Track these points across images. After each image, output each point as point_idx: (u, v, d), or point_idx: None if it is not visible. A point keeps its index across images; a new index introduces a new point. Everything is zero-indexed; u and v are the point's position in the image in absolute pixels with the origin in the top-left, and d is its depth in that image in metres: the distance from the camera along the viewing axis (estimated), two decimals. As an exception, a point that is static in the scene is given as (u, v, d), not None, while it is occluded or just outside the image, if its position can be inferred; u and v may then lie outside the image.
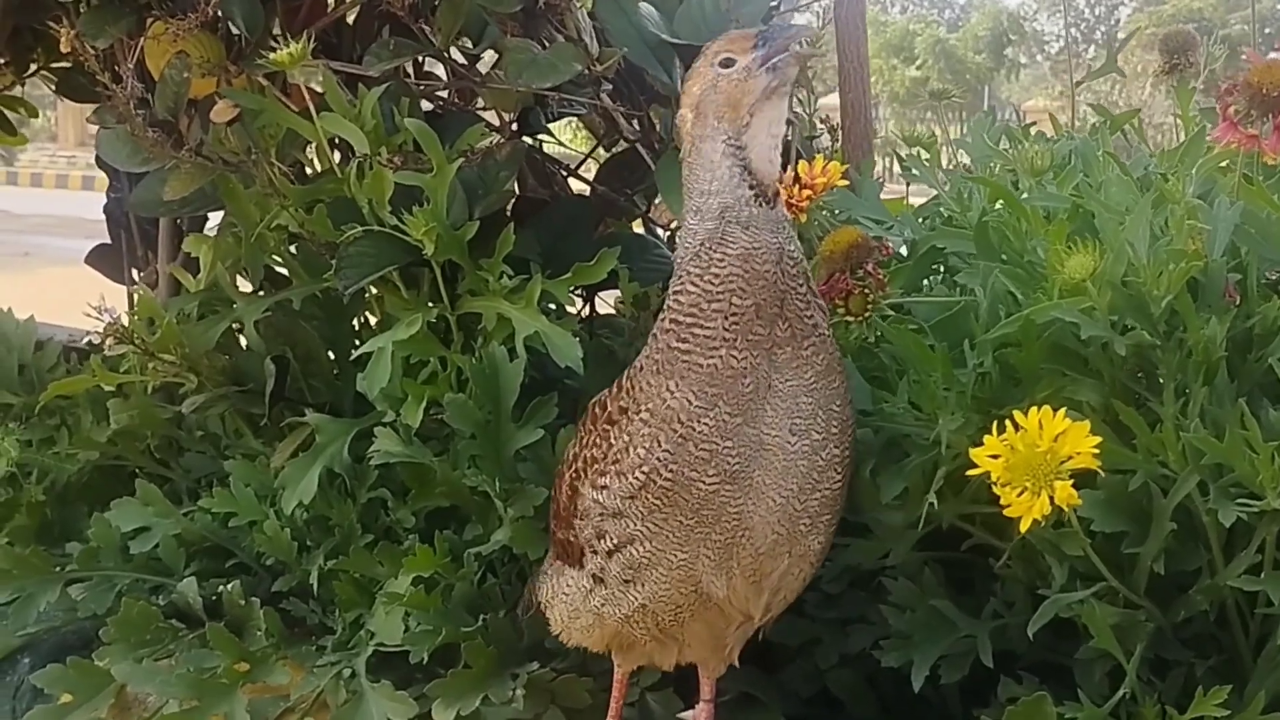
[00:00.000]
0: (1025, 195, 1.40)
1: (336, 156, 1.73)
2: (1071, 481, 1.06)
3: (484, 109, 1.89)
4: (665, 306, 1.18)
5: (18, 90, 2.52)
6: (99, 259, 2.37)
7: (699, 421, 1.13)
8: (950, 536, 1.33)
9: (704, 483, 1.14)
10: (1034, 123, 1.78)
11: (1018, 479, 1.08)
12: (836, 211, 1.58)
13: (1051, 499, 1.06)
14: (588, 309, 1.90)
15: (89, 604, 1.60)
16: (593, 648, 1.31)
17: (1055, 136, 1.70)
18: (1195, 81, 1.57)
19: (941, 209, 1.54)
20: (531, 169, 1.93)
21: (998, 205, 1.42)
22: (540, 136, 1.97)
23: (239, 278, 1.81)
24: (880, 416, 1.29)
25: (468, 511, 1.57)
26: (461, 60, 1.83)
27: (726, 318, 1.13)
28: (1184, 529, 1.14)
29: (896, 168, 1.70)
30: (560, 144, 2.08)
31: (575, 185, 2.01)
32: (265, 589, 1.62)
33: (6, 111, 2.42)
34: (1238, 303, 1.20)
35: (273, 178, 1.64)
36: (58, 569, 1.63)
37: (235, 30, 1.71)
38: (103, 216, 2.29)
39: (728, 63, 1.16)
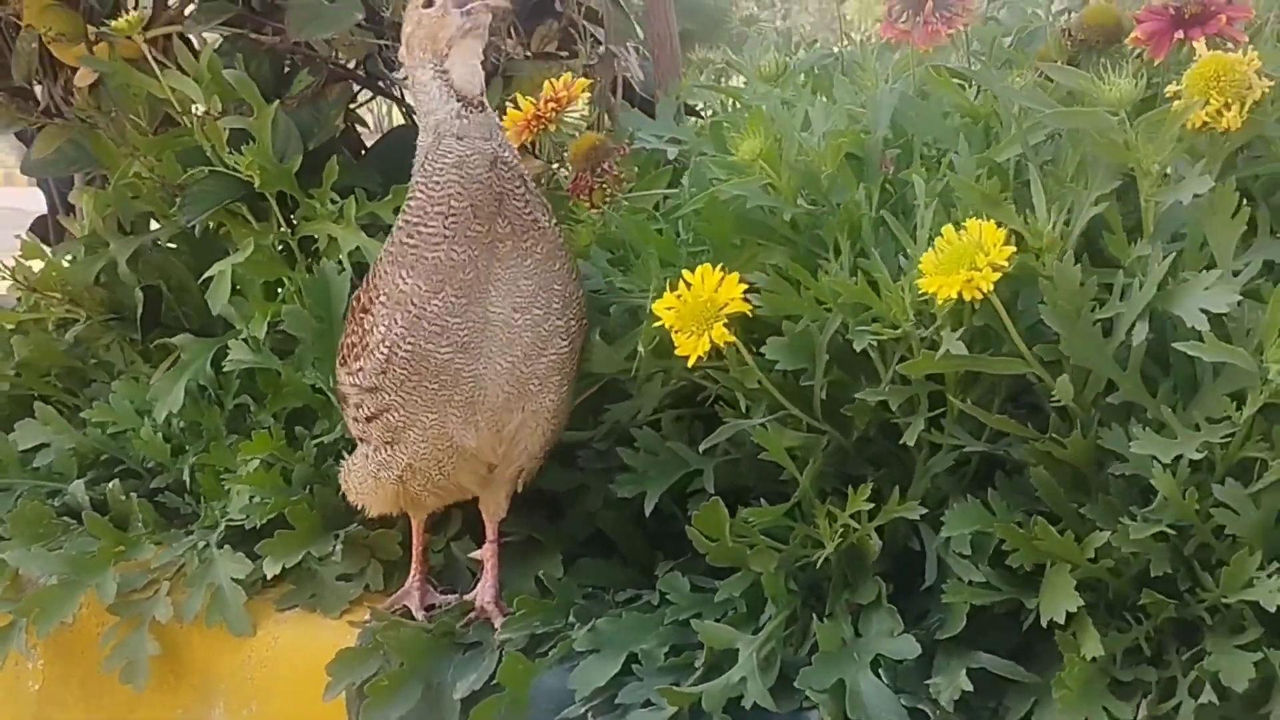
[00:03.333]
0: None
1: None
2: (726, 324, 1.29)
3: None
4: (402, 208, 1.41)
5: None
6: (37, 229, 2.62)
7: (428, 304, 1.36)
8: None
9: (439, 354, 1.37)
10: (814, 42, 2.00)
11: (686, 325, 1.31)
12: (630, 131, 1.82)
13: (711, 340, 1.30)
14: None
15: (-7, 507, 1.85)
16: (387, 510, 1.55)
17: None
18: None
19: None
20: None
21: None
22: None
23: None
24: (615, 293, 1.52)
25: (316, 410, 1.81)
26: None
27: (446, 218, 1.36)
28: (846, 362, 1.37)
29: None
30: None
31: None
32: (146, 488, 1.86)
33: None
34: (889, 171, 1.42)
35: (127, 132, 1.88)
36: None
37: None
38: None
39: (428, 3, 1.39)
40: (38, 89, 1.89)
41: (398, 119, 2.41)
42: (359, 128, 2.29)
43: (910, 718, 1.24)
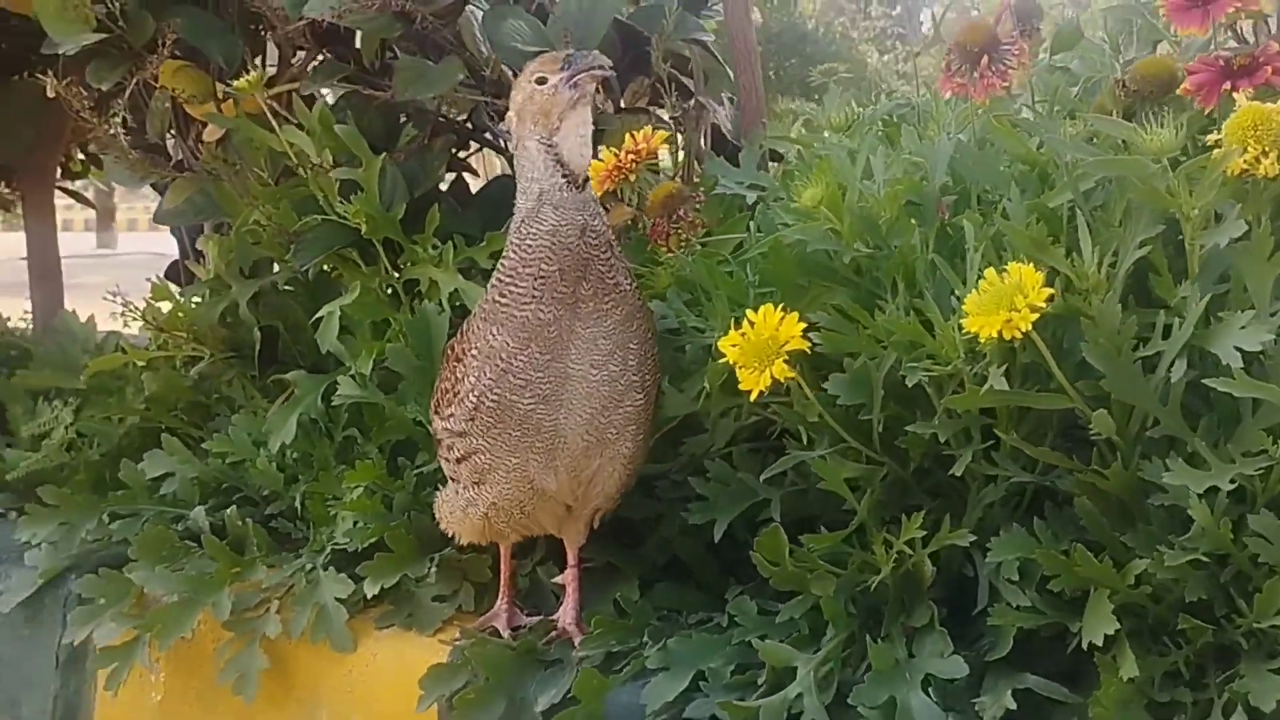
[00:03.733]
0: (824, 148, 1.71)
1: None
2: (788, 360, 1.38)
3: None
4: (496, 267, 1.52)
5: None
6: (171, 273, 2.81)
7: (515, 359, 1.47)
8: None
9: (523, 405, 1.48)
10: (893, 92, 2.08)
11: (749, 361, 1.40)
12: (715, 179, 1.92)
13: (772, 375, 1.39)
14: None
15: (121, 532, 1.99)
16: (475, 539, 1.66)
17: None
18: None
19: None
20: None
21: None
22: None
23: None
24: (689, 333, 1.62)
25: (417, 442, 1.93)
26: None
27: (535, 279, 1.47)
28: (903, 397, 1.44)
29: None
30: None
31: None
32: (261, 514, 2.00)
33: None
34: (946, 217, 1.50)
35: (249, 183, 2.03)
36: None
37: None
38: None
39: (541, 80, 1.50)
40: (170, 144, 2.06)
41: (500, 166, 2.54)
42: (466, 176, 2.43)
43: (959, 734, 1.31)
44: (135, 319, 2.05)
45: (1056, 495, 1.42)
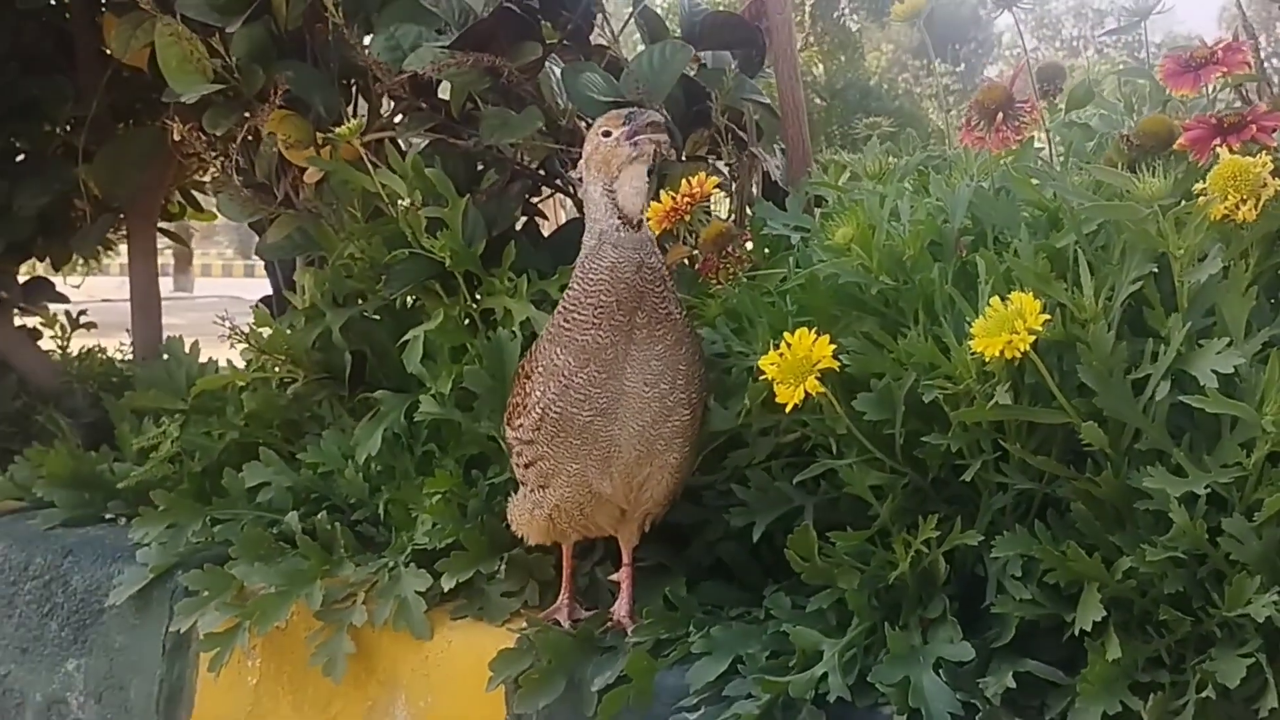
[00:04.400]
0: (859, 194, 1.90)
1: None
2: (820, 377, 1.57)
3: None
4: (562, 296, 1.72)
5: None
6: (266, 305, 3.05)
7: (575, 376, 1.67)
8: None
9: (582, 417, 1.67)
10: (927, 144, 2.27)
11: (785, 377, 1.59)
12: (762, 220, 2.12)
13: (806, 390, 1.57)
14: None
15: (222, 534, 2.21)
16: (541, 540, 1.85)
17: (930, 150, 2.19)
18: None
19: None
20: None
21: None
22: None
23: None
24: (735, 356, 1.81)
25: (489, 456, 2.13)
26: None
27: (596, 308, 1.66)
28: (923, 413, 1.62)
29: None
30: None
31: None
32: (348, 519, 2.20)
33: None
34: (963, 255, 1.68)
35: (345, 221, 2.25)
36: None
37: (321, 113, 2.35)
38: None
39: (606, 134, 1.70)
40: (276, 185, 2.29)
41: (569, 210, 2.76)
42: (538, 219, 2.64)
43: (965, 710, 1.48)
44: (240, 343, 2.27)
45: (1058, 503, 1.59)
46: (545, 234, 2.56)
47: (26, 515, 2.54)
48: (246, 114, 2.25)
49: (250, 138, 2.32)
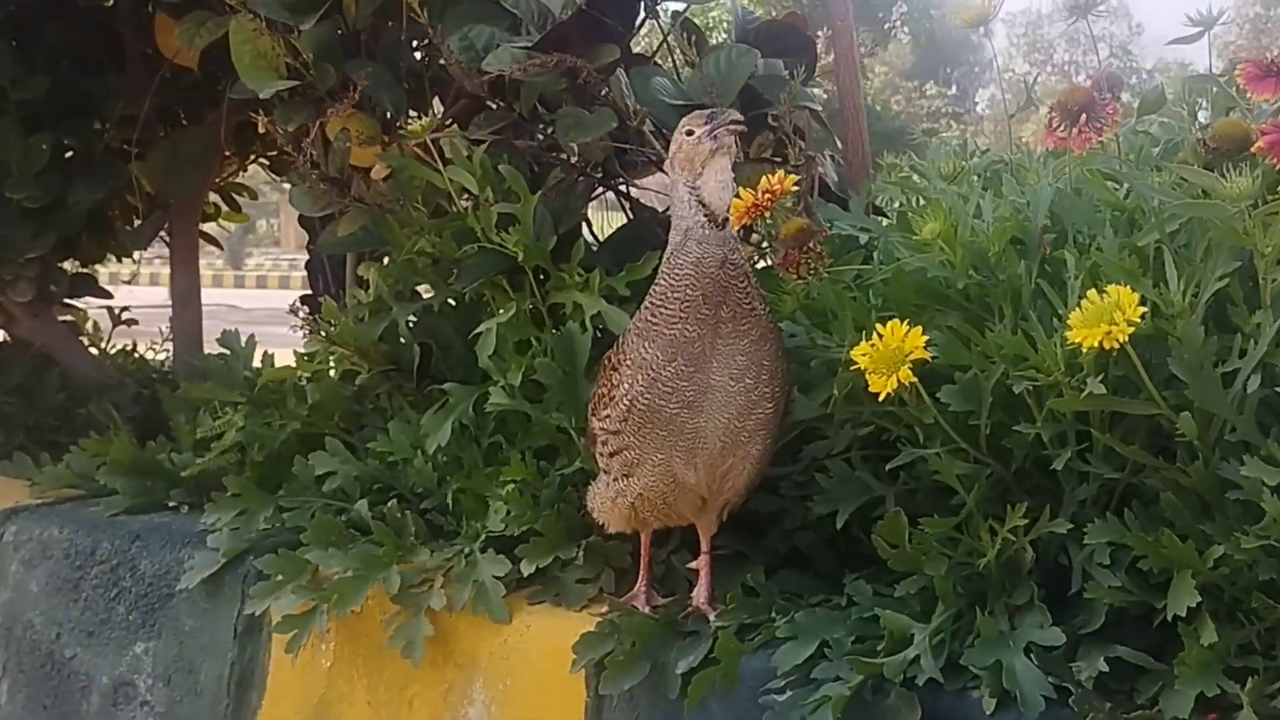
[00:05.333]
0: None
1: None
2: (910, 368, 1.61)
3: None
4: (649, 291, 1.76)
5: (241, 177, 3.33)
6: (302, 304, 3.08)
7: (663, 370, 1.70)
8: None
9: (669, 409, 1.71)
10: (987, 150, 2.32)
11: (878, 367, 1.63)
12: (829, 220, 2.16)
13: (898, 380, 1.61)
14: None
15: (292, 520, 2.24)
16: (622, 528, 1.89)
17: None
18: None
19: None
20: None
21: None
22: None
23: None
24: (815, 349, 1.85)
25: (558, 447, 2.17)
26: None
27: (682, 303, 1.70)
28: (1007, 405, 1.67)
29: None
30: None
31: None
32: (416, 508, 2.24)
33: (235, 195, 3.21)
34: (1047, 252, 1.73)
35: (413, 216, 2.29)
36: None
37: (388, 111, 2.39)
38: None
39: (689, 132, 1.74)
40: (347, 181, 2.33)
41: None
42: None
43: (1056, 693, 1.52)
44: (311, 332, 2.31)
45: (1141, 493, 1.63)
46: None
47: (88, 503, 2.57)
48: (318, 110, 2.29)
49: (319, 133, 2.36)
